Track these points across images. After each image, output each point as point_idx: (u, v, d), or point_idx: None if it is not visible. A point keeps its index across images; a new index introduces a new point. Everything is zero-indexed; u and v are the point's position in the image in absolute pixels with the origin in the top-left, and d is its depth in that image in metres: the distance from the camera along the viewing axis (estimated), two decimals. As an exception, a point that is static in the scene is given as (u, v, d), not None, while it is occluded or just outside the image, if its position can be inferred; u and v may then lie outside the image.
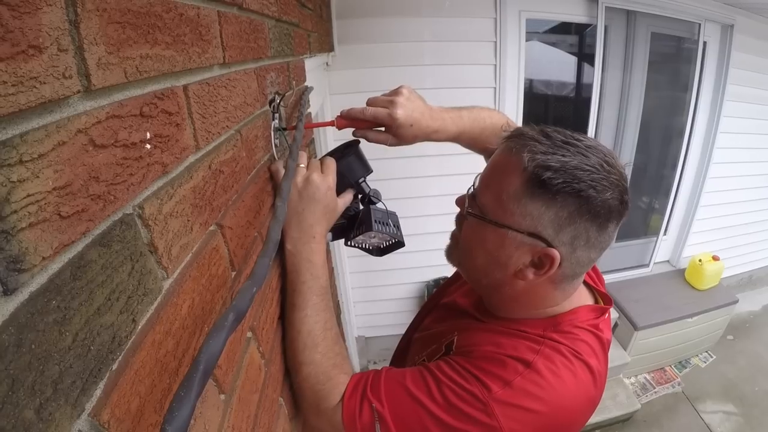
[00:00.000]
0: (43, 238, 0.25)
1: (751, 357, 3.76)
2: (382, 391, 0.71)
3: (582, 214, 0.64)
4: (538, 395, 0.65)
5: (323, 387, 0.74)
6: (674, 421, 3.19)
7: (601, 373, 0.73)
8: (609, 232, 0.67)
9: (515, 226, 0.67)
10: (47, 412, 0.24)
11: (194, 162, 0.46)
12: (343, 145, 0.94)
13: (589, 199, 0.63)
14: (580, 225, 0.65)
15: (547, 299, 0.75)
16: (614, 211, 0.65)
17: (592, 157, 0.64)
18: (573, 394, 0.68)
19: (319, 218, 0.79)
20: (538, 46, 3.17)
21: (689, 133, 3.44)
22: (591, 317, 0.76)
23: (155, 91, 0.39)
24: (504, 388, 0.65)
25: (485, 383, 0.66)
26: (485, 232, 0.72)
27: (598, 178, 0.63)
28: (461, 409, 0.66)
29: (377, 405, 0.70)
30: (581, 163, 0.63)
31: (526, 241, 0.67)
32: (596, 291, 0.84)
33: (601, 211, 0.64)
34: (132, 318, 0.33)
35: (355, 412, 0.70)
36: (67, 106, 0.28)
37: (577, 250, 0.67)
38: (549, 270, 0.68)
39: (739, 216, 3.98)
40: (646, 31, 2.99)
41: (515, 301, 0.77)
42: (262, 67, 0.76)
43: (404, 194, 2.84)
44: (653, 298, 3.56)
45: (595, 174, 0.63)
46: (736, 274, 4.36)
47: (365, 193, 0.93)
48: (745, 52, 3.19)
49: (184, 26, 0.45)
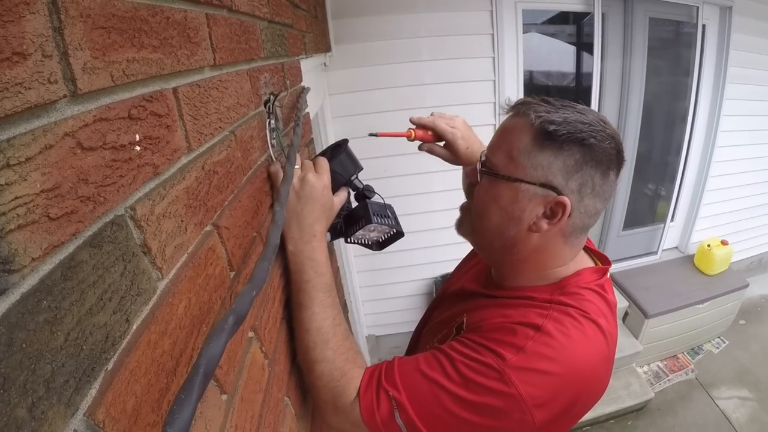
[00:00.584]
0: (32, 239, 0.25)
1: (764, 341, 3.72)
2: (397, 378, 0.71)
3: (587, 161, 0.69)
4: (551, 356, 0.66)
5: (338, 383, 0.74)
6: (689, 408, 3.17)
7: (611, 333, 0.74)
8: (611, 180, 0.72)
9: (527, 178, 0.71)
10: (40, 411, 0.24)
11: (187, 163, 0.46)
12: (331, 146, 0.96)
13: (591, 147, 0.68)
14: (586, 172, 0.69)
15: (556, 256, 0.78)
16: (613, 159, 0.71)
17: (588, 115, 0.71)
18: (585, 352, 0.69)
19: (318, 217, 0.80)
20: (537, 37, 3.15)
21: (692, 118, 3.40)
22: (594, 278, 0.78)
23: (144, 94, 0.39)
24: (517, 354, 0.66)
25: (498, 352, 0.67)
26: (499, 189, 0.75)
27: (597, 129, 0.69)
28: (478, 382, 0.66)
29: (394, 393, 0.70)
30: (580, 118, 0.70)
31: (539, 192, 0.71)
32: (593, 253, 0.87)
33: (603, 158, 0.69)
34: (126, 318, 0.33)
35: (372, 405, 0.70)
36: (54, 111, 0.29)
37: (584, 198, 0.71)
38: (561, 218, 0.71)
39: (746, 199, 3.94)
40: (644, 16, 2.97)
41: (526, 261, 0.79)
42: (255, 68, 0.76)
43: (408, 191, 2.83)
44: (663, 285, 3.53)
45: (594, 126, 0.69)
46: (746, 258, 4.32)
47: (359, 189, 0.95)
48: (744, 33, 3.16)
49: (171, 29, 0.45)
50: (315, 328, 0.76)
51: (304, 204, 0.79)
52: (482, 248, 0.86)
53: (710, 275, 3.62)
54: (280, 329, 0.76)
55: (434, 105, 2.71)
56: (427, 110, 2.80)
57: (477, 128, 1.11)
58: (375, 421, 0.69)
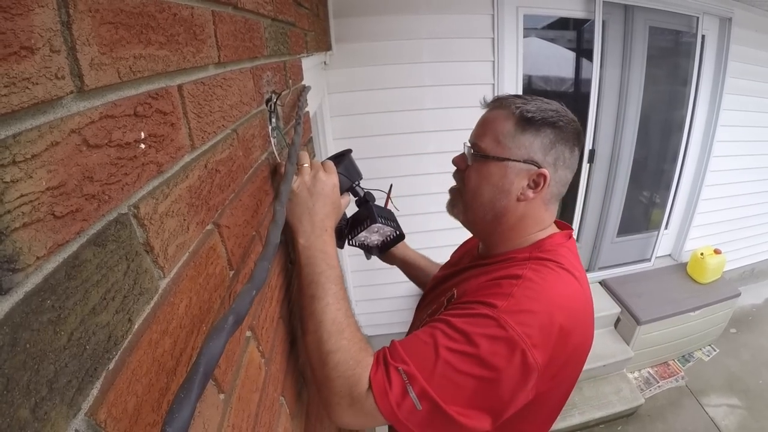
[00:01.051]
0: (37, 237, 0.25)
1: (754, 350, 3.75)
2: (402, 352, 0.74)
3: (559, 139, 0.86)
4: (533, 297, 0.76)
5: (354, 372, 0.73)
6: (678, 415, 3.19)
7: (584, 280, 0.87)
8: (576, 155, 0.89)
9: (513, 157, 0.86)
10: (42, 411, 0.24)
11: (190, 161, 0.46)
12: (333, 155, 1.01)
13: (561, 128, 0.86)
14: (559, 148, 0.86)
15: (538, 221, 0.91)
16: (577, 137, 0.88)
17: (553, 104, 0.89)
18: (562, 292, 0.80)
19: (329, 212, 0.84)
20: (537, 42, 3.16)
21: (689, 127, 3.42)
22: (564, 239, 0.92)
23: (149, 91, 0.39)
24: (507, 300, 0.75)
25: (490, 303, 0.75)
26: (489, 169, 0.88)
27: (562, 114, 0.87)
28: (478, 333, 0.71)
29: (402, 366, 0.71)
30: (549, 106, 0.87)
31: (523, 168, 0.86)
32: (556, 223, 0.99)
33: (570, 136, 0.87)
34: (128, 317, 0.33)
35: (385, 386, 0.70)
36: (60, 107, 0.28)
37: (558, 169, 0.87)
38: (543, 187, 0.86)
39: (740, 209, 3.96)
40: (644, 25, 2.98)
41: (514, 228, 0.91)
42: (258, 66, 0.76)
43: (403, 192, 2.83)
44: (655, 292, 3.55)
45: (560, 112, 0.87)
46: (738, 267, 4.35)
47: (360, 195, 1.02)
48: (743, 45, 3.18)
49: (178, 26, 0.45)
50: (330, 319, 0.77)
51: (316, 199, 0.82)
52: (475, 222, 0.96)
53: (703, 284, 3.64)
54: (277, 329, 0.76)
55: (433, 107, 2.71)
56: (426, 112, 2.79)
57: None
58: (389, 404, 0.69)
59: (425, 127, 2.77)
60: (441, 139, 2.78)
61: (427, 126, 2.76)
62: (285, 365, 0.80)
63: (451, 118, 2.71)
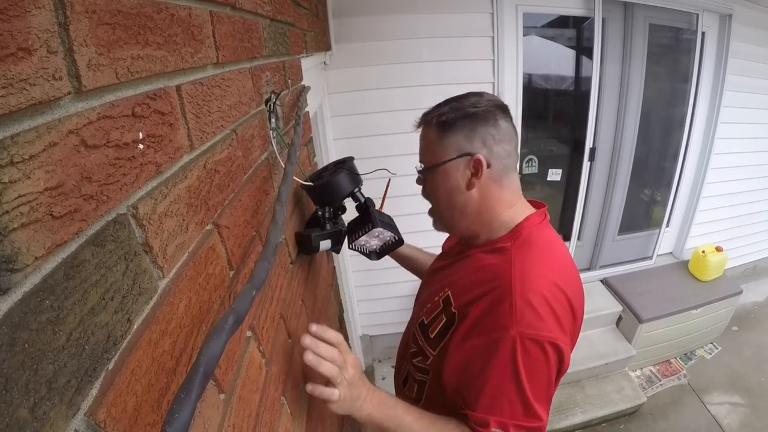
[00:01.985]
0: (35, 238, 0.25)
1: (756, 348, 3.74)
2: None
3: (477, 123, 0.90)
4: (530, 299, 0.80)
5: None
6: (681, 413, 3.18)
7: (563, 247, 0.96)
8: (504, 126, 0.92)
9: (447, 157, 0.92)
10: (42, 411, 0.24)
11: (189, 162, 0.46)
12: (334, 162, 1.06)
13: (474, 114, 0.91)
14: (480, 131, 0.90)
15: (500, 199, 0.95)
16: (496, 111, 0.92)
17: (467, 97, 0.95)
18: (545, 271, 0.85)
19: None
20: (537, 40, 3.15)
21: (690, 124, 3.41)
22: (540, 219, 0.97)
23: (147, 92, 0.39)
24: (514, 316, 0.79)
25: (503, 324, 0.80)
26: (436, 178, 0.96)
27: (473, 101, 0.93)
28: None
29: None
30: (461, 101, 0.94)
31: (460, 162, 0.92)
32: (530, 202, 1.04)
33: (487, 115, 0.91)
34: (127, 317, 0.33)
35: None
36: (58, 108, 0.28)
37: (492, 147, 0.91)
38: (483, 169, 0.90)
39: (741, 206, 3.95)
40: (644, 22, 2.97)
41: (480, 214, 0.96)
42: (256, 66, 0.76)
43: (403, 192, 2.82)
44: (657, 290, 3.54)
45: (469, 99, 0.94)
46: (740, 265, 4.33)
47: (361, 201, 1.07)
48: (744, 41, 3.17)
49: (176, 26, 0.45)
50: None
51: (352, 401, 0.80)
52: (452, 227, 1.02)
53: (704, 281, 3.63)
54: (277, 329, 0.76)
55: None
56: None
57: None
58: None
59: (426, 126, 2.76)
60: (441, 138, 2.77)
61: (427, 125, 2.76)
62: (286, 366, 0.80)
63: (452, 118, 2.70)
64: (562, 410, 3.04)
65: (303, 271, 1.05)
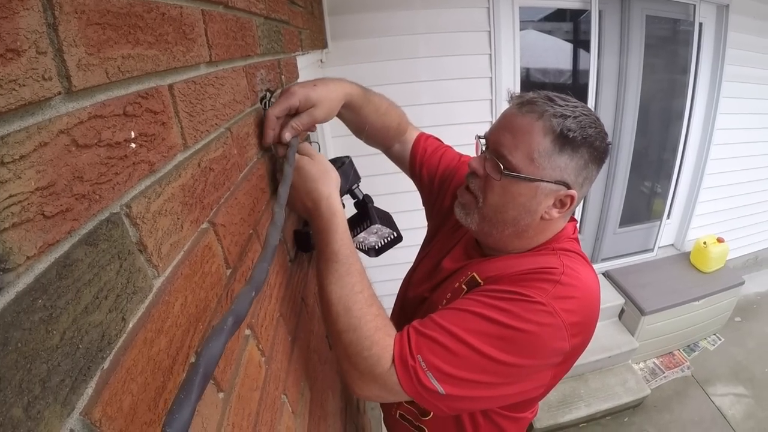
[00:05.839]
0: (27, 237, 0.25)
1: (759, 338, 3.74)
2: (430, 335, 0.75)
3: (593, 160, 0.81)
4: (576, 285, 0.78)
5: (371, 353, 0.74)
6: (685, 405, 3.19)
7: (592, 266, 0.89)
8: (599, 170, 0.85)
9: (547, 178, 0.80)
10: (36, 410, 0.24)
11: (183, 160, 0.46)
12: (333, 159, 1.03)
13: (597, 148, 0.80)
14: (590, 169, 0.82)
15: (555, 228, 0.90)
16: (607, 154, 0.84)
17: (591, 115, 0.81)
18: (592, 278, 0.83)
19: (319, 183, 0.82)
20: (534, 34, 3.15)
21: (689, 116, 3.41)
22: (572, 230, 0.93)
23: (139, 91, 0.39)
24: (556, 287, 0.76)
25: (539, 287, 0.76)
26: (519, 188, 0.82)
27: (600, 131, 0.81)
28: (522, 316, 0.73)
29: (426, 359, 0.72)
30: (587, 121, 0.79)
31: (553, 188, 0.81)
32: None
33: (603, 155, 0.82)
34: (122, 316, 0.33)
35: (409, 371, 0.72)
36: (48, 108, 0.28)
37: (583, 187, 0.84)
38: (569, 207, 0.84)
39: (742, 197, 3.95)
40: (641, 14, 2.96)
41: (532, 238, 0.89)
42: (251, 64, 0.76)
43: (396, 189, 2.82)
44: (659, 282, 3.54)
45: (597, 126, 0.80)
46: (742, 256, 4.33)
47: (360, 198, 1.04)
48: (741, 32, 3.16)
49: (167, 25, 0.45)
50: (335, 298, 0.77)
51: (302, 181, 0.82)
52: (489, 234, 0.90)
53: (706, 272, 3.63)
54: (277, 327, 0.76)
55: (430, 102, 2.70)
56: (423, 107, 2.78)
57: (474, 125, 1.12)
58: (413, 385, 0.72)
59: (424, 122, 2.74)
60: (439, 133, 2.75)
61: (425, 121, 2.74)
62: (287, 364, 0.81)
63: (450, 113, 2.71)
64: (566, 404, 3.05)
65: (302, 269, 1.05)
